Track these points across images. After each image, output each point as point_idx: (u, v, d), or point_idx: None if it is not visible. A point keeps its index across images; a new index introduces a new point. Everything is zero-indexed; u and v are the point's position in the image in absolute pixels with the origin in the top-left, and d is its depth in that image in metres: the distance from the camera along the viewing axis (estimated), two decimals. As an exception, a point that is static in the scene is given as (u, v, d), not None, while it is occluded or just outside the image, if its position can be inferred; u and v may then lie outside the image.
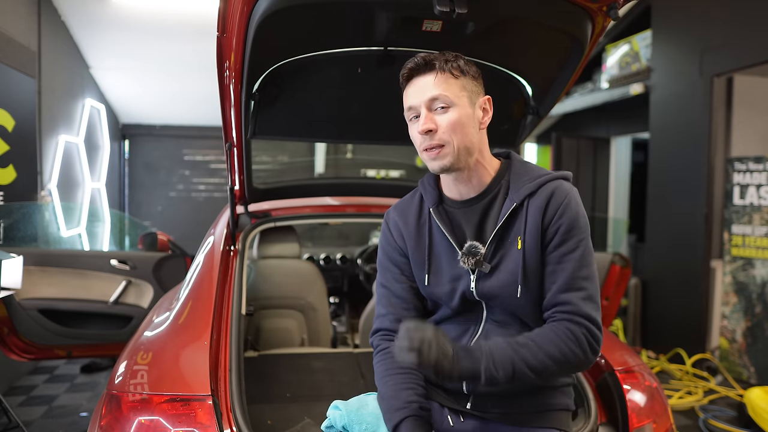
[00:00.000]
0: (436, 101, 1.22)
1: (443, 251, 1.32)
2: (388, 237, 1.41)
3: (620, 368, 1.67)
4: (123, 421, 1.32)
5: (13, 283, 2.48)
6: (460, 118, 1.22)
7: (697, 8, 4.40)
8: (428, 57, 1.23)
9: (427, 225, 1.35)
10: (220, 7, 1.40)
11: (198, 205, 6.92)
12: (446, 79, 1.22)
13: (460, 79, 1.24)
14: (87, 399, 3.50)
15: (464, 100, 1.24)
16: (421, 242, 1.35)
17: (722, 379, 4.02)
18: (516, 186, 1.28)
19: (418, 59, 1.24)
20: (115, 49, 5.05)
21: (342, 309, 3.75)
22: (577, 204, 1.25)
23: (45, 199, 4.21)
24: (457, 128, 1.22)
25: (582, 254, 1.23)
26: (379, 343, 1.36)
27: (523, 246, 1.24)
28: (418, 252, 1.35)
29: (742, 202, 4.08)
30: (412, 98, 1.25)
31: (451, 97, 1.21)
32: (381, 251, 1.43)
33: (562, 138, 6.01)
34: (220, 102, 1.76)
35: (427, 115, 1.22)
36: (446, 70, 1.22)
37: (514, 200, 1.26)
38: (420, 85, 1.23)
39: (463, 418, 1.33)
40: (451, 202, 1.33)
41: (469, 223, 1.30)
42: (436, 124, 1.21)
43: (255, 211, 2.38)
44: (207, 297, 1.76)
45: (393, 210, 1.44)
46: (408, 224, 1.37)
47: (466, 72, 1.25)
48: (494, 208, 1.29)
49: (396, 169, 6.66)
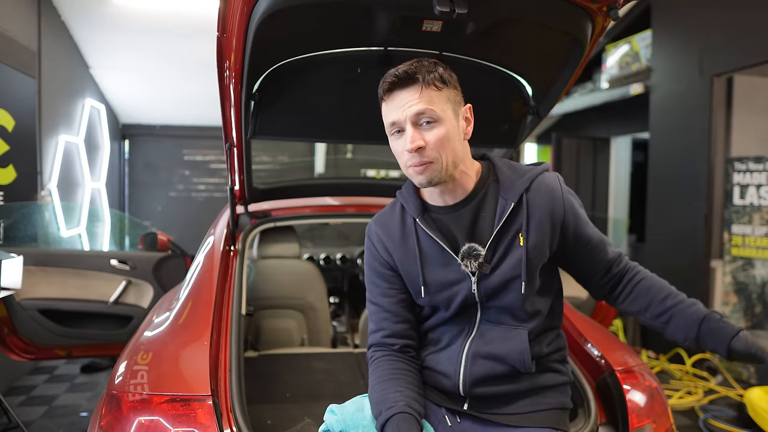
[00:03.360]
0: (421, 116, 1.18)
1: (435, 258, 1.30)
2: (372, 252, 1.38)
3: (620, 368, 1.67)
4: (123, 421, 1.32)
5: (13, 283, 2.48)
6: (447, 132, 1.19)
7: (697, 8, 4.40)
8: (410, 69, 1.18)
9: (414, 235, 1.32)
10: (220, 7, 1.40)
11: (198, 205, 6.92)
12: (430, 93, 1.18)
13: (444, 90, 1.20)
14: (87, 399, 3.50)
15: (449, 113, 1.21)
16: (409, 253, 1.32)
17: (722, 379, 4.02)
18: (507, 185, 1.28)
19: (399, 72, 1.19)
20: (115, 49, 5.05)
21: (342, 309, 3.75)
22: (566, 187, 1.33)
23: (45, 199, 4.21)
24: (445, 143, 1.19)
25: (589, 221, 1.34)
26: (373, 355, 1.34)
27: (526, 242, 1.24)
28: (407, 263, 1.32)
29: (742, 202, 4.08)
30: (394, 113, 1.20)
31: (437, 112, 1.18)
32: (367, 267, 1.40)
33: (562, 138, 6.01)
34: (220, 102, 1.76)
35: (414, 132, 1.18)
36: (430, 83, 1.18)
37: (510, 199, 1.26)
38: (403, 99, 1.19)
39: (460, 419, 1.33)
40: (437, 209, 1.31)
41: (459, 227, 1.28)
42: (424, 140, 1.18)
43: (255, 211, 2.38)
44: (207, 297, 1.76)
45: (374, 224, 1.40)
46: (392, 237, 1.35)
47: (448, 82, 1.21)
48: (485, 209, 1.28)
49: (396, 169, 6.65)
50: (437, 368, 1.33)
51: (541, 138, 7.16)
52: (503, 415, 1.30)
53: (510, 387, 1.29)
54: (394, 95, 1.21)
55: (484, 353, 1.28)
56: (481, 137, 1.31)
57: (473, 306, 1.30)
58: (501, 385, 1.29)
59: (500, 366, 1.28)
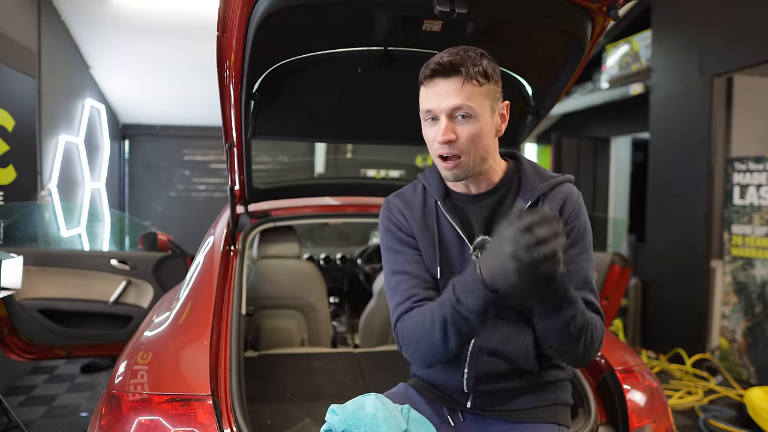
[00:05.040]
0: (458, 111, 1.16)
1: (452, 245, 1.29)
2: (393, 220, 1.34)
3: (620, 368, 1.67)
4: (123, 421, 1.32)
5: (13, 283, 2.48)
6: (480, 129, 1.18)
7: (697, 8, 4.40)
8: (455, 59, 1.16)
9: (434, 216, 1.31)
10: (220, 7, 1.40)
11: (198, 205, 6.92)
12: (471, 88, 1.16)
13: (485, 86, 1.18)
14: (87, 399, 3.49)
15: (486, 110, 1.19)
16: (428, 233, 1.30)
17: (722, 379, 4.02)
18: (528, 185, 1.28)
19: (443, 60, 1.16)
20: (115, 49, 5.05)
21: (342, 309, 3.75)
22: (585, 208, 1.29)
23: (45, 199, 4.21)
24: (477, 140, 1.18)
25: (591, 256, 1.26)
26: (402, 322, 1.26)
27: None
28: (425, 242, 1.30)
29: (742, 202, 4.08)
30: (432, 101, 1.18)
31: (475, 108, 1.16)
32: (388, 236, 1.33)
33: (562, 138, 6.01)
34: (220, 102, 1.76)
35: (448, 125, 1.17)
36: (472, 77, 1.15)
37: (528, 199, 1.26)
38: (443, 89, 1.17)
39: (463, 417, 1.34)
40: (459, 196, 1.31)
41: (478, 217, 1.29)
42: (456, 134, 1.17)
43: (255, 211, 2.38)
44: (207, 297, 1.76)
45: (394, 197, 1.37)
46: (413, 211, 1.33)
47: (490, 76, 1.19)
48: (505, 204, 1.28)
49: (396, 169, 6.66)
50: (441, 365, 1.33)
51: (541, 138, 7.16)
52: (506, 411, 1.31)
53: (513, 384, 1.30)
54: (435, 82, 1.18)
55: (489, 350, 1.29)
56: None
57: None
58: (504, 382, 1.30)
59: (505, 363, 1.28)
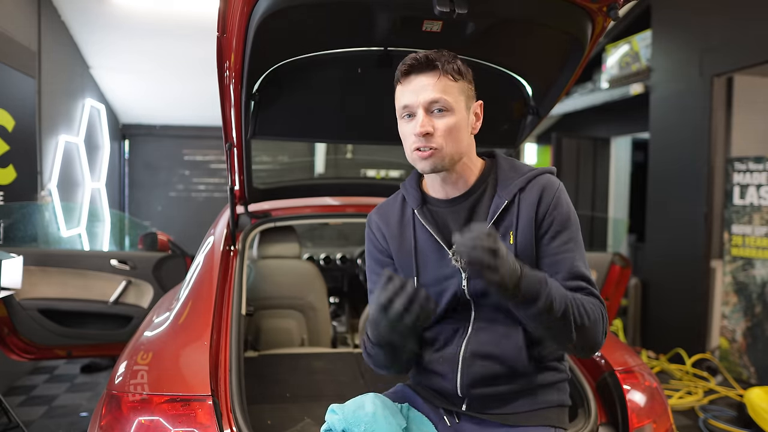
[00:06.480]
0: (435, 104, 1.20)
1: (430, 252, 1.30)
2: (373, 241, 1.39)
3: (620, 368, 1.67)
4: (123, 421, 1.32)
5: (13, 283, 2.48)
6: (456, 123, 1.21)
7: (697, 8, 4.40)
8: (431, 55, 1.21)
9: (411, 226, 1.33)
10: (220, 7, 1.40)
11: (198, 205, 6.92)
12: (446, 82, 1.20)
13: (459, 82, 1.23)
14: (87, 399, 3.49)
15: (462, 105, 1.23)
16: (405, 244, 1.33)
17: (722, 379, 4.02)
18: (504, 183, 1.28)
19: (419, 56, 1.21)
20: (115, 49, 5.05)
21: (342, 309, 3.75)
22: (567, 196, 1.28)
23: (45, 199, 4.21)
24: (453, 133, 1.21)
25: (579, 244, 1.26)
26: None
27: (515, 241, 1.25)
28: (402, 254, 1.33)
29: (742, 202, 4.08)
30: (408, 97, 1.22)
31: (450, 102, 1.20)
32: (368, 257, 1.40)
33: (562, 138, 6.01)
34: (220, 102, 1.76)
35: (425, 118, 1.20)
36: (448, 72, 1.20)
37: (504, 197, 1.26)
38: (419, 84, 1.21)
39: (458, 420, 1.33)
40: (436, 202, 1.32)
41: (456, 221, 1.29)
42: (433, 127, 1.20)
43: (255, 211, 2.38)
44: (207, 297, 1.76)
45: (374, 213, 1.42)
46: (390, 226, 1.36)
47: (464, 75, 1.24)
48: (482, 205, 1.29)
49: (396, 169, 6.66)
50: (435, 369, 1.32)
51: (541, 138, 7.16)
52: (502, 414, 1.30)
53: (508, 387, 1.28)
54: (411, 79, 1.22)
55: (481, 353, 1.27)
56: (481, 137, 1.31)
57: (467, 304, 1.30)
58: (499, 385, 1.28)
59: (497, 366, 1.27)
